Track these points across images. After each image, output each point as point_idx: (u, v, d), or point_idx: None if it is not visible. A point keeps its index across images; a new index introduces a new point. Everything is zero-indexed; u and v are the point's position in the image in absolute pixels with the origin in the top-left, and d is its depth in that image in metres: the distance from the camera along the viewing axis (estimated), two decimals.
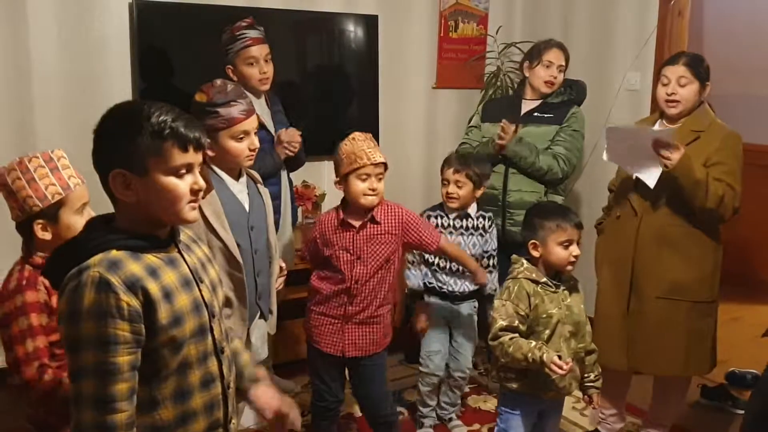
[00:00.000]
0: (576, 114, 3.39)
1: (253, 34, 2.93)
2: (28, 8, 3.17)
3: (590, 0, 4.14)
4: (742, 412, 3.30)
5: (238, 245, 2.20)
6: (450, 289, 3.00)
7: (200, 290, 1.49)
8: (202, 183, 1.45)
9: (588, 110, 3.57)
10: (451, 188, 2.96)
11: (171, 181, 1.40)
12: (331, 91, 4.00)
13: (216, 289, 1.56)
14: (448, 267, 2.98)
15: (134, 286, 1.34)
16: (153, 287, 1.37)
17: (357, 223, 2.52)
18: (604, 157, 2.80)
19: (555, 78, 3.36)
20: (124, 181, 1.38)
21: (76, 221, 1.83)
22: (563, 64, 3.38)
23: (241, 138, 2.18)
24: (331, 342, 2.59)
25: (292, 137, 2.99)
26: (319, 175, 3.93)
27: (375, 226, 2.54)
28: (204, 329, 1.48)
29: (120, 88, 3.41)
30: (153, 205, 1.40)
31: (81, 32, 3.30)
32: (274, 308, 2.45)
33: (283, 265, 2.49)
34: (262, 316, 2.39)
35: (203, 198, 2.15)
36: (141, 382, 1.38)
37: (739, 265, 4.97)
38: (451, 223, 3.00)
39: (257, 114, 2.91)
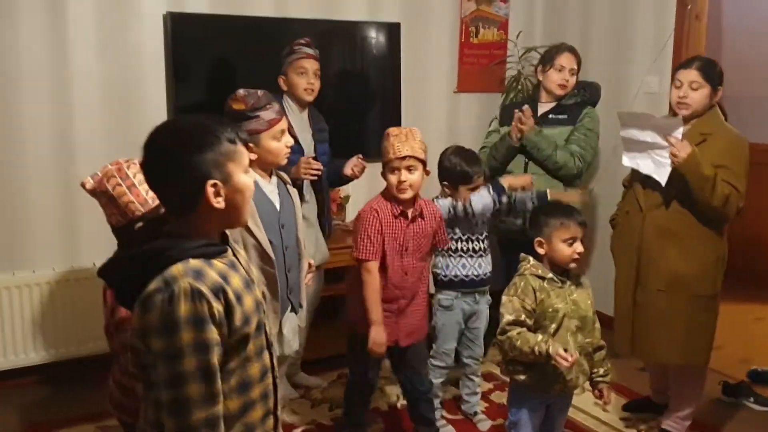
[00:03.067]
0: (590, 114, 3.48)
1: (308, 50, 3.17)
2: (68, 19, 3.34)
3: (609, 5, 4.22)
4: (764, 408, 3.36)
5: (270, 242, 2.33)
6: (475, 273, 3.05)
7: (256, 290, 1.58)
8: (254, 175, 1.55)
9: (606, 113, 3.64)
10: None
11: (246, 178, 1.51)
12: (354, 96, 4.11)
13: (259, 287, 1.66)
14: (471, 248, 3.04)
15: (218, 293, 1.42)
16: (230, 292, 1.45)
17: (410, 214, 2.66)
18: (624, 161, 2.94)
19: (567, 81, 3.45)
20: (216, 190, 1.45)
21: None
22: (575, 67, 3.46)
23: (279, 137, 2.35)
24: (390, 333, 2.68)
25: (308, 166, 2.97)
26: None
27: (421, 220, 2.70)
28: (260, 326, 1.57)
29: (155, 95, 3.57)
30: (237, 206, 1.51)
31: (118, 42, 3.47)
32: (304, 302, 2.57)
33: (312, 261, 2.61)
34: (293, 310, 2.50)
35: None
36: None
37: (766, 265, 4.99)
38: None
39: (291, 125, 3.06)
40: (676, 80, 2.85)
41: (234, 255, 1.57)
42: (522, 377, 2.41)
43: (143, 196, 1.86)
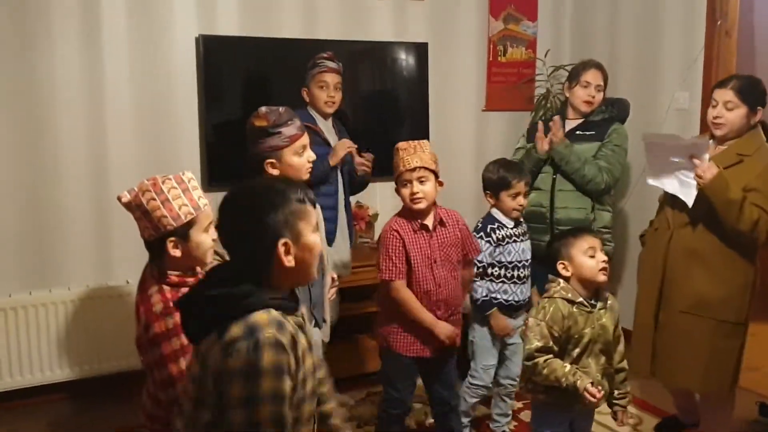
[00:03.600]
0: (617, 130, 3.46)
1: (330, 64, 3.26)
2: (103, 41, 3.45)
3: (637, 22, 4.20)
4: None
5: None
6: (516, 299, 3.04)
7: (314, 355, 1.62)
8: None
9: (637, 130, 3.60)
10: (521, 199, 3.02)
11: (314, 237, 1.57)
12: (384, 115, 4.16)
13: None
14: (515, 275, 3.03)
15: (293, 348, 1.48)
16: (299, 350, 1.50)
17: (430, 225, 2.68)
18: (648, 180, 2.92)
19: (593, 97, 3.44)
20: (287, 249, 1.51)
21: (204, 239, 1.94)
22: (601, 83, 3.45)
23: (301, 152, 2.38)
24: (423, 346, 2.70)
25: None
26: (372, 195, 4.06)
27: (443, 229, 2.71)
28: (314, 392, 1.60)
29: (187, 116, 3.67)
30: (306, 264, 1.56)
31: (151, 64, 3.57)
32: (328, 317, 2.59)
33: (335, 275, 2.63)
34: (317, 325, 2.52)
35: None
36: None
37: None
38: (513, 232, 3.03)
39: (322, 129, 3.12)
40: (713, 99, 2.80)
41: (302, 317, 1.60)
42: (542, 396, 2.40)
43: (176, 211, 1.90)
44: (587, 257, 2.34)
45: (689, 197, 2.74)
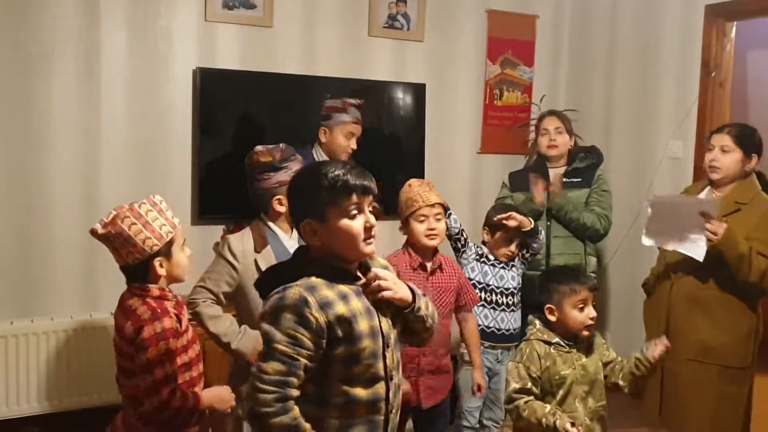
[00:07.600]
0: (602, 176, 3.57)
1: (358, 114, 3.28)
2: (101, 70, 3.44)
3: (633, 71, 4.24)
4: None
5: None
6: (497, 326, 3.06)
7: (379, 321, 1.71)
8: (373, 221, 1.68)
9: (630, 178, 3.67)
10: (513, 247, 3.13)
11: (345, 222, 1.64)
12: (379, 154, 4.14)
13: (395, 325, 1.78)
14: (494, 300, 3.05)
15: (325, 307, 1.60)
16: (342, 309, 1.63)
17: (429, 266, 2.67)
18: (644, 241, 2.89)
19: (554, 140, 3.53)
20: (311, 228, 1.65)
21: (182, 257, 2.05)
22: (560, 126, 3.54)
23: None
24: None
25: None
26: None
27: (441, 273, 2.71)
28: (376, 354, 1.68)
29: (181, 150, 3.64)
30: (335, 245, 1.67)
31: (148, 94, 3.55)
32: None
33: None
34: None
35: (258, 252, 2.29)
36: (313, 382, 1.63)
37: None
38: (492, 261, 3.13)
39: None
40: (710, 144, 2.87)
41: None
42: None
43: (158, 232, 1.95)
44: (576, 310, 2.32)
45: (700, 254, 2.71)
